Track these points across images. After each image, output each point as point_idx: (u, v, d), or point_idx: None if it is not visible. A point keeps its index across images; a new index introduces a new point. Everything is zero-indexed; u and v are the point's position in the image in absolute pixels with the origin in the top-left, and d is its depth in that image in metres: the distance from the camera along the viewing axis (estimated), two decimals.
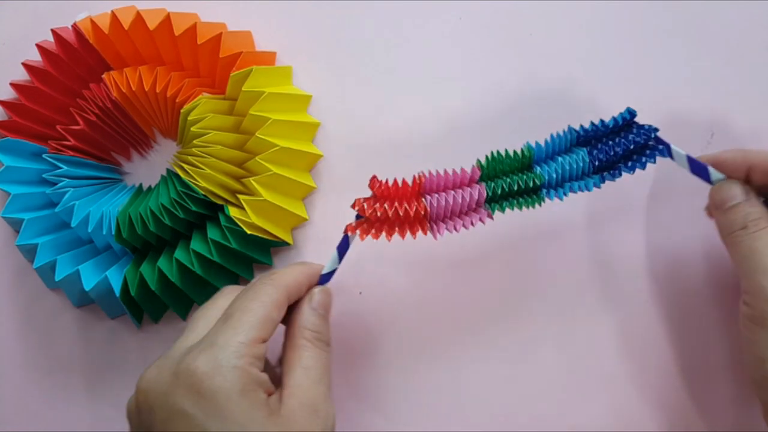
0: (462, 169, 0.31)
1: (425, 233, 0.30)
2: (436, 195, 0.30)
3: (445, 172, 0.31)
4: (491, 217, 0.31)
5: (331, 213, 0.39)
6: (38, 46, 0.39)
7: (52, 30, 0.38)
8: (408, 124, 0.39)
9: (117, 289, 0.36)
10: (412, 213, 0.30)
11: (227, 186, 0.37)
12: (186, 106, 0.37)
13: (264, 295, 0.29)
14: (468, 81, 0.39)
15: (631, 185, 0.36)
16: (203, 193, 0.36)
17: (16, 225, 0.38)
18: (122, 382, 0.40)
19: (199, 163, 0.36)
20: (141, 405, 0.27)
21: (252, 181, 0.36)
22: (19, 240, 0.37)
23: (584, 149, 0.31)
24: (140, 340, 0.40)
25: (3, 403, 0.40)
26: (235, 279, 0.39)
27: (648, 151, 0.32)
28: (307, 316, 0.31)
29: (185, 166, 0.36)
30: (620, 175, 0.31)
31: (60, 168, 0.38)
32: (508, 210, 0.31)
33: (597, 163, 0.31)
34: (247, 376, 0.27)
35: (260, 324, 0.28)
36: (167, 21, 0.37)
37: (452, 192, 0.31)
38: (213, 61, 0.38)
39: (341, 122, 0.39)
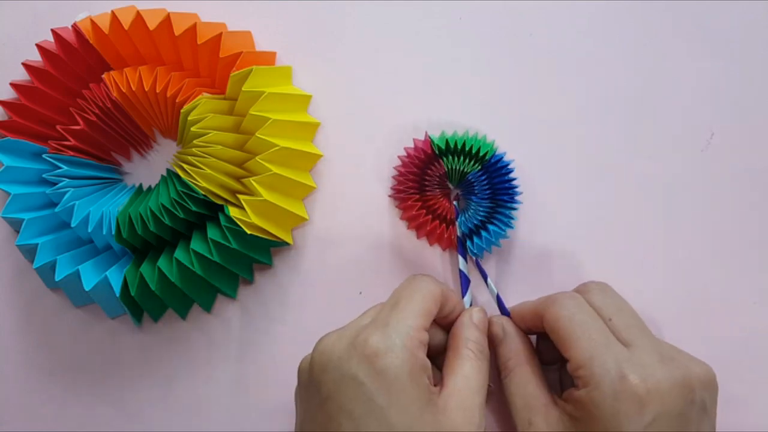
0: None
1: None
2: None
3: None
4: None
5: (331, 213, 0.39)
6: (38, 46, 0.39)
7: (52, 30, 0.38)
8: (408, 124, 0.39)
9: (117, 289, 0.36)
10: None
11: (227, 186, 0.37)
12: (186, 106, 0.37)
13: (425, 288, 0.31)
14: (468, 81, 0.39)
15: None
16: (203, 193, 0.36)
17: (16, 225, 0.38)
18: (122, 382, 0.40)
19: (199, 163, 0.36)
20: (315, 364, 0.29)
21: (252, 181, 0.36)
22: (19, 240, 0.37)
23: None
24: (140, 340, 0.40)
25: (3, 403, 0.40)
26: (235, 279, 0.39)
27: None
28: (471, 329, 0.32)
29: (185, 166, 0.36)
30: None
31: (60, 168, 0.38)
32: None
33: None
34: (414, 358, 0.28)
35: (424, 313, 0.30)
36: (167, 21, 0.37)
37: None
38: (213, 61, 0.38)
39: (341, 122, 0.39)
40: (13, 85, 0.39)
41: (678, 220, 0.37)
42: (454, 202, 0.36)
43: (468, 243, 0.36)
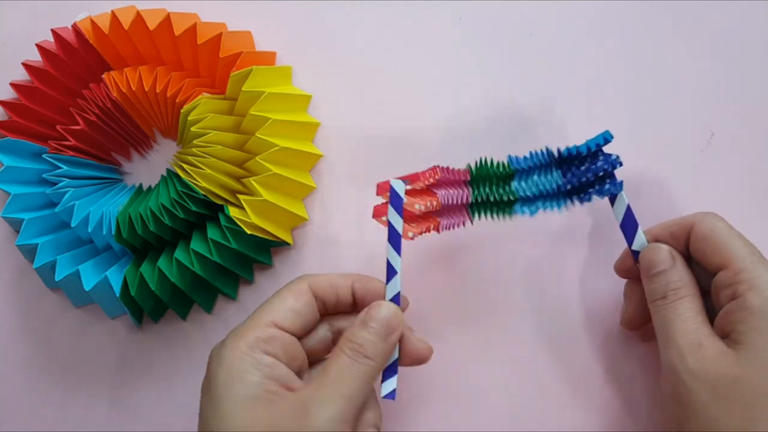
0: (458, 170, 0.32)
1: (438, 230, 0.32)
2: (443, 191, 0.32)
3: (447, 169, 0.32)
4: (471, 221, 0.33)
5: (331, 213, 0.39)
6: (38, 46, 0.39)
7: (52, 30, 0.38)
8: (408, 124, 0.39)
9: (117, 289, 0.36)
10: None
11: (227, 186, 0.37)
12: (186, 106, 0.37)
13: (285, 287, 0.31)
14: (468, 81, 0.39)
15: None
16: (203, 193, 0.36)
17: (16, 225, 0.38)
18: (122, 382, 0.40)
19: (199, 163, 0.36)
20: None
21: (252, 181, 0.36)
22: (19, 240, 0.37)
23: (559, 171, 0.32)
24: (140, 340, 0.40)
25: (3, 403, 0.40)
26: (236, 279, 0.39)
27: (601, 185, 0.31)
28: (355, 329, 0.30)
29: (185, 166, 0.36)
30: (590, 200, 0.31)
31: (60, 168, 0.38)
32: (484, 217, 0.33)
33: (569, 187, 0.31)
34: (240, 359, 0.28)
35: (273, 310, 0.30)
36: (167, 21, 0.37)
37: (450, 190, 0.32)
38: (213, 61, 0.38)
39: (341, 122, 0.39)
40: (13, 85, 0.39)
41: None
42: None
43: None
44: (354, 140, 0.39)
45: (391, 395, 0.31)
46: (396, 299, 0.31)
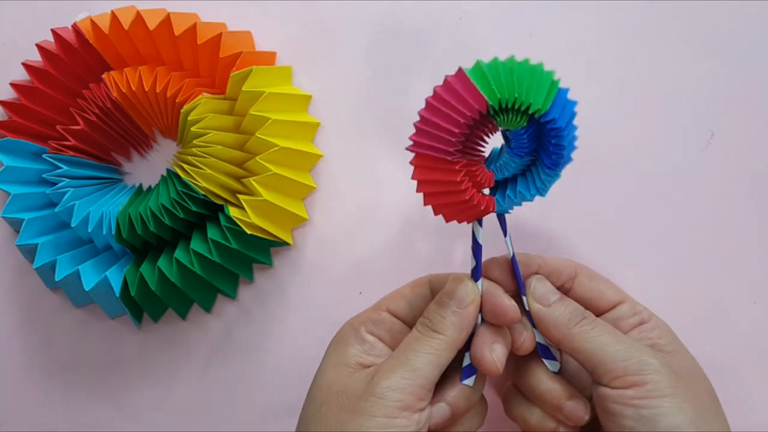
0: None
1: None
2: None
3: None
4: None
5: (331, 213, 0.39)
6: (38, 46, 0.39)
7: (52, 30, 0.38)
8: (408, 124, 0.39)
9: (117, 289, 0.36)
10: None
11: (227, 186, 0.37)
12: (186, 106, 0.37)
13: (411, 281, 0.33)
14: None
15: None
16: (203, 193, 0.36)
17: (16, 225, 0.38)
18: (122, 382, 0.40)
19: (199, 163, 0.36)
20: None
21: (252, 181, 0.36)
22: (19, 240, 0.37)
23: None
24: (140, 340, 0.40)
25: (3, 403, 0.40)
26: (235, 279, 0.39)
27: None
28: (430, 305, 0.31)
29: (185, 166, 0.36)
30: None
31: (60, 168, 0.38)
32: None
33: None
34: (348, 333, 0.31)
35: (391, 297, 0.33)
36: (167, 21, 0.37)
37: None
38: (213, 61, 0.38)
39: (341, 122, 0.39)
40: (13, 85, 0.39)
41: (677, 220, 0.37)
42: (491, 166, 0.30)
43: (497, 196, 0.30)
44: (354, 140, 0.39)
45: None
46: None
